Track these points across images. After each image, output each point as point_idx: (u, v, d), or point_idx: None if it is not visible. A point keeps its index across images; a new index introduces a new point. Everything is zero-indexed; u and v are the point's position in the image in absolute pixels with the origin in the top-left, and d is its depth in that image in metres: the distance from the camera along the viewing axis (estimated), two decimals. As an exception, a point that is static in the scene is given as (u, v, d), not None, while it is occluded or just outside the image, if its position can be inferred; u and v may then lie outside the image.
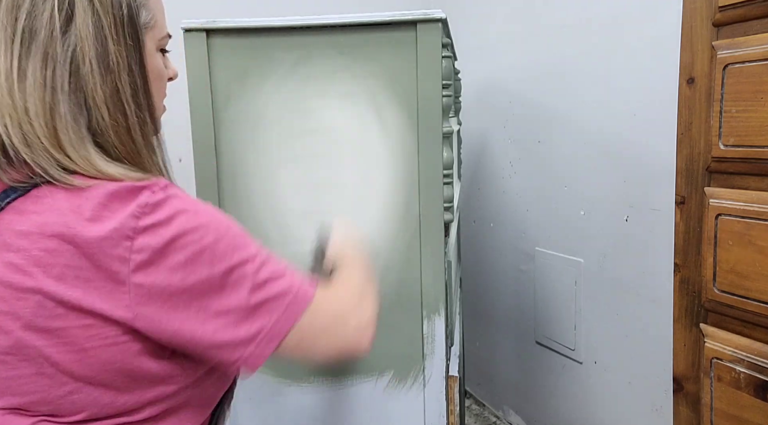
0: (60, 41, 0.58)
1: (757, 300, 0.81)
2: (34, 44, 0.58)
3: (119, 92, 0.61)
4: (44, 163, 0.57)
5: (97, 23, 0.59)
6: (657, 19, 1.35)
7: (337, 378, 1.12)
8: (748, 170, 0.82)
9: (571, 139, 1.65)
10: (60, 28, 0.58)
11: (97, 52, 0.59)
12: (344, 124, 1.05)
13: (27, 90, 0.57)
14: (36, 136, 0.57)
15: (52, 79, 0.58)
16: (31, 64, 0.58)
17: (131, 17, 0.63)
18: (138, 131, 0.63)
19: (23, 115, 0.57)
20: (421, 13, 1.00)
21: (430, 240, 1.07)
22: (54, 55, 0.58)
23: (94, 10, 0.59)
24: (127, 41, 0.62)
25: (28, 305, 0.55)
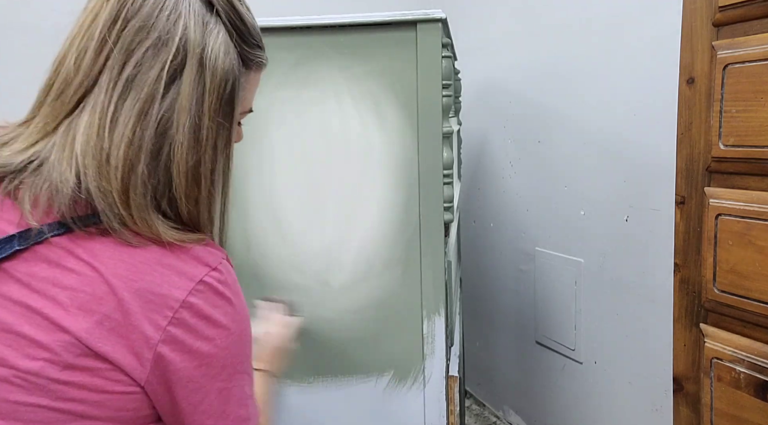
0: (158, 102, 0.58)
1: (757, 300, 0.81)
2: (133, 97, 0.57)
3: (200, 166, 0.61)
4: (110, 214, 0.57)
5: (200, 96, 0.59)
6: (657, 19, 1.35)
7: (337, 378, 1.12)
8: (748, 170, 0.82)
9: (571, 139, 1.65)
10: (162, 89, 0.58)
11: (191, 123, 0.59)
12: (344, 124, 1.05)
13: (114, 139, 0.57)
14: (110, 186, 0.57)
15: (140, 138, 0.57)
16: (125, 115, 0.57)
17: (231, 97, 0.63)
18: (206, 204, 0.63)
19: (104, 162, 0.57)
20: (421, 13, 1.00)
21: (430, 240, 1.07)
22: (149, 113, 0.57)
23: (202, 81, 0.59)
24: (221, 119, 0.62)
25: (61, 340, 0.55)
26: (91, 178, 0.56)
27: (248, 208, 1.08)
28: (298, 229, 1.08)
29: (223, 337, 0.60)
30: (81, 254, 0.56)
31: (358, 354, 1.11)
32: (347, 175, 1.07)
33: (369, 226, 1.08)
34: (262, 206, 1.08)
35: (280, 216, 1.08)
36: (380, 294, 1.10)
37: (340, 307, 1.10)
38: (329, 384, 1.12)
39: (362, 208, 1.08)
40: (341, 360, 1.12)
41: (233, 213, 1.08)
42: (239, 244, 1.08)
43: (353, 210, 1.08)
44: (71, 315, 0.55)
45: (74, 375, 0.56)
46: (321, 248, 1.09)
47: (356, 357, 1.11)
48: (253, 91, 0.70)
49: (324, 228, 1.08)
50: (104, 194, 0.57)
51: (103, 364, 0.56)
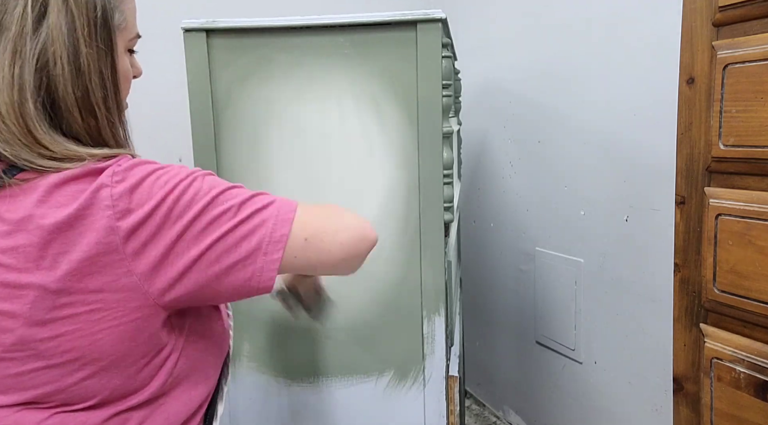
0: (30, 38, 0.57)
1: (757, 300, 0.81)
2: (3, 39, 0.57)
3: (90, 95, 0.60)
4: (28, 156, 0.57)
5: (70, 24, 0.59)
6: (657, 19, 1.35)
7: (337, 378, 1.12)
8: (748, 170, 0.82)
9: (571, 139, 1.65)
10: (32, 26, 0.57)
11: (68, 54, 0.58)
12: (344, 124, 1.05)
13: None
14: (11, 132, 0.57)
15: (20, 76, 0.57)
16: (0, 59, 0.57)
17: (105, 20, 0.62)
18: (108, 132, 0.62)
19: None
20: (421, 13, 1.00)
21: (430, 240, 1.07)
22: (23, 52, 0.57)
23: (68, 10, 0.59)
24: (99, 44, 0.61)
25: (27, 300, 0.55)
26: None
27: (248, 208, 1.08)
28: None
29: (163, 185, 0.58)
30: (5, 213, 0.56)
31: (358, 354, 1.11)
32: (347, 175, 1.07)
33: (369, 226, 1.08)
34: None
35: (280, 216, 1.08)
36: (380, 294, 1.10)
37: (340, 307, 1.10)
38: (329, 384, 1.12)
39: (362, 207, 1.08)
40: (341, 360, 1.12)
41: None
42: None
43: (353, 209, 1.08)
44: (27, 273, 0.55)
45: (56, 328, 0.56)
46: (321, 248, 1.09)
47: (356, 357, 1.11)
48: (132, 12, 0.68)
49: (324, 228, 1.08)
50: (9, 144, 0.57)
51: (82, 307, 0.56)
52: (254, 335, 1.12)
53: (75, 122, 0.59)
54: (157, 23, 1.61)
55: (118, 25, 0.64)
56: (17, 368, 0.57)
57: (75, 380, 0.58)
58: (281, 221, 0.62)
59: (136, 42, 0.71)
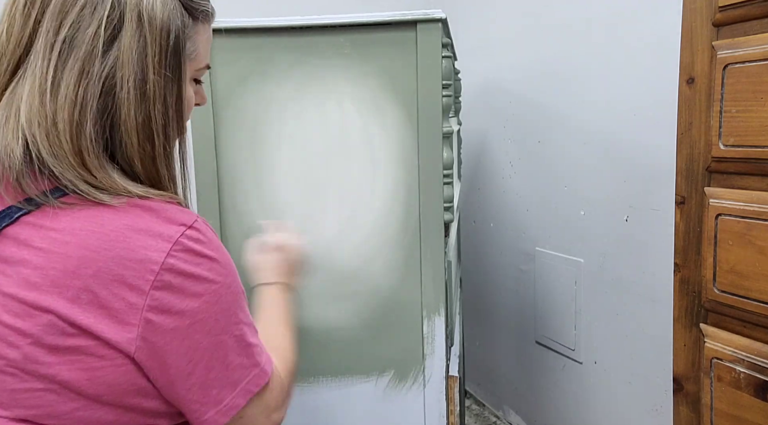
0: (99, 60, 0.57)
1: (757, 300, 0.81)
2: (73, 57, 0.56)
3: (151, 122, 0.60)
4: (72, 177, 0.56)
5: (142, 50, 0.58)
6: (657, 19, 1.35)
7: (337, 378, 1.12)
8: (748, 170, 0.82)
9: (571, 139, 1.65)
10: (102, 47, 0.57)
11: (136, 79, 0.58)
12: (344, 124, 1.05)
13: (58, 102, 0.56)
14: (62, 149, 0.56)
15: (84, 96, 0.56)
16: (66, 77, 0.56)
17: (177, 49, 0.62)
18: (162, 162, 0.62)
19: (51, 128, 0.56)
20: (421, 13, 1.00)
21: (430, 240, 1.07)
22: (90, 72, 0.57)
23: (142, 34, 0.58)
24: (167, 72, 0.61)
25: (40, 322, 0.55)
26: (41, 145, 0.55)
27: (248, 208, 1.08)
28: (298, 229, 1.08)
29: (210, 292, 0.59)
30: (50, 231, 0.56)
31: (358, 354, 1.11)
32: (347, 174, 1.07)
33: (369, 226, 1.08)
34: (261, 206, 1.08)
35: (280, 216, 1.08)
36: (380, 295, 1.10)
37: (339, 307, 1.10)
38: (329, 384, 1.12)
39: (362, 207, 1.08)
40: (341, 360, 1.12)
41: (233, 215, 1.08)
42: (239, 244, 1.08)
43: (353, 210, 1.08)
44: (46, 294, 0.54)
45: (61, 357, 0.55)
46: (320, 248, 1.09)
47: (356, 357, 1.11)
48: (204, 44, 0.68)
49: (324, 228, 1.08)
50: (58, 159, 0.56)
51: (87, 341, 0.55)
52: (254, 335, 1.12)
53: (131, 147, 0.59)
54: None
55: (189, 54, 0.64)
56: (15, 385, 0.56)
57: (69, 409, 0.57)
58: (245, 393, 0.63)
59: (205, 72, 0.71)
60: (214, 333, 0.60)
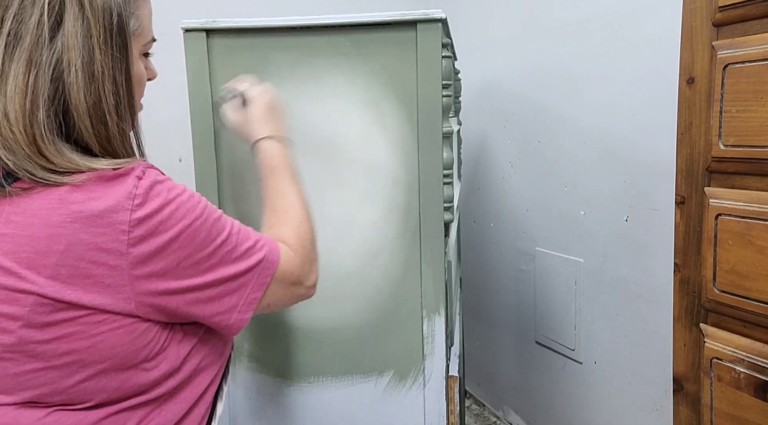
0: (47, 47, 0.57)
1: (757, 300, 0.81)
2: (19, 48, 0.57)
3: (102, 102, 0.60)
4: (29, 167, 0.56)
5: (86, 32, 0.59)
6: (657, 19, 1.35)
7: (337, 378, 1.12)
8: (748, 170, 0.82)
9: (571, 139, 1.65)
10: (47, 34, 0.57)
11: (83, 61, 0.58)
12: (344, 124, 1.05)
13: (8, 94, 0.56)
14: (16, 141, 0.56)
15: (34, 85, 0.57)
16: (14, 68, 0.57)
17: (121, 27, 0.62)
18: (119, 140, 0.62)
19: (3, 120, 0.56)
20: (421, 13, 1.00)
21: (430, 240, 1.07)
22: (38, 61, 0.57)
23: (85, 18, 0.58)
24: (114, 51, 0.61)
25: (26, 304, 0.55)
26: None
27: (247, 208, 1.08)
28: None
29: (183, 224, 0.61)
30: (10, 215, 0.56)
31: (358, 354, 1.11)
32: (347, 174, 1.07)
33: (369, 226, 1.08)
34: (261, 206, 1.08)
35: (280, 216, 1.08)
36: (380, 295, 1.10)
37: (339, 307, 1.10)
38: (329, 384, 1.12)
39: (362, 207, 1.07)
40: (341, 360, 1.12)
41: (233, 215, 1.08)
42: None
43: (353, 210, 1.08)
44: (23, 278, 0.55)
45: (55, 331, 0.56)
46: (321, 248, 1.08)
47: (356, 357, 1.11)
48: (148, 17, 0.68)
49: (324, 229, 1.08)
50: (12, 151, 0.56)
51: (78, 311, 0.56)
52: (254, 335, 1.12)
53: (86, 130, 0.59)
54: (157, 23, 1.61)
55: (134, 30, 0.65)
56: (16, 368, 0.57)
57: (73, 382, 0.58)
58: (258, 285, 0.68)
59: (152, 45, 0.71)
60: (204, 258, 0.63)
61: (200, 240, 0.62)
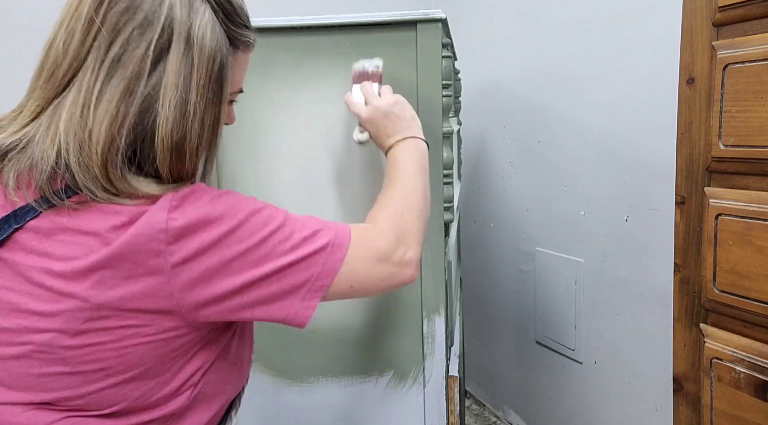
0: (145, 80, 0.59)
1: (757, 300, 0.81)
2: (118, 75, 0.58)
3: (186, 141, 0.61)
4: (93, 186, 0.58)
5: (187, 73, 0.60)
6: (657, 19, 1.35)
7: (337, 378, 1.12)
8: (748, 170, 0.82)
9: (571, 139, 1.65)
10: (149, 67, 0.59)
11: (179, 100, 0.60)
12: (344, 124, 1.05)
13: (97, 116, 0.58)
14: (90, 160, 0.58)
15: (124, 114, 0.58)
16: (109, 93, 0.58)
17: (220, 74, 0.63)
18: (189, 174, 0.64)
19: (86, 139, 0.58)
20: (421, 13, 1.00)
21: (430, 240, 1.07)
22: (135, 91, 0.58)
23: (189, 58, 0.60)
24: (209, 95, 0.62)
25: (67, 307, 0.57)
26: (72, 153, 0.57)
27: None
28: None
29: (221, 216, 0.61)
30: (68, 224, 0.58)
31: (358, 354, 1.11)
32: (347, 174, 1.07)
33: (369, 226, 1.08)
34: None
35: (280, 217, 1.08)
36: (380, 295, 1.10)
37: (339, 307, 1.10)
38: (329, 384, 1.12)
39: (363, 208, 1.07)
40: (341, 360, 1.12)
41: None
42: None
43: (354, 210, 1.08)
44: (71, 281, 0.56)
45: (87, 339, 0.57)
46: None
47: (356, 357, 1.11)
48: (242, 71, 0.70)
49: (324, 229, 1.08)
50: (84, 169, 0.58)
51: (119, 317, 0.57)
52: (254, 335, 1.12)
53: (164, 162, 0.61)
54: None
55: (229, 80, 0.66)
56: (41, 369, 0.58)
57: (96, 388, 0.59)
58: (326, 271, 0.65)
59: (237, 95, 0.73)
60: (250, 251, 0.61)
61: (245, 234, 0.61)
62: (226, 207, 0.62)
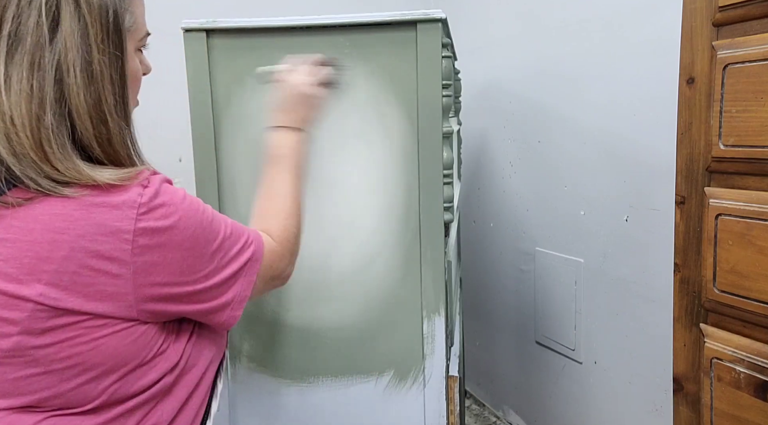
0: (47, 48, 0.56)
1: (757, 300, 0.81)
2: (20, 51, 0.55)
3: (102, 103, 0.59)
4: (34, 174, 0.55)
5: (83, 31, 0.58)
6: (657, 19, 1.35)
7: (337, 378, 1.12)
8: (748, 170, 0.82)
9: (571, 139, 1.65)
10: (48, 35, 0.56)
11: (82, 61, 0.57)
12: (344, 124, 1.05)
13: (12, 99, 0.55)
14: (22, 146, 0.55)
15: (39, 89, 0.56)
16: (17, 71, 0.55)
17: (117, 24, 0.61)
18: (119, 140, 0.61)
19: (10, 126, 0.55)
20: (421, 13, 1.00)
21: (430, 240, 1.07)
22: (41, 63, 0.56)
23: (81, 16, 0.57)
24: (110, 49, 0.60)
25: (25, 310, 0.55)
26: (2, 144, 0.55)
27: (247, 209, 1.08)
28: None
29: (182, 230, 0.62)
30: (12, 220, 0.55)
31: (358, 354, 1.11)
32: (347, 174, 1.07)
33: (369, 226, 1.08)
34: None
35: (280, 216, 1.08)
36: (380, 294, 1.10)
37: (339, 307, 1.10)
38: (329, 384, 1.12)
39: (362, 208, 1.07)
40: (341, 360, 1.12)
41: (233, 215, 1.08)
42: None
43: (353, 210, 1.08)
44: (24, 284, 0.54)
45: (55, 336, 0.56)
46: (321, 248, 1.09)
47: (356, 357, 1.11)
48: (141, 13, 0.67)
49: (324, 229, 1.08)
50: (18, 158, 0.55)
51: (78, 316, 0.56)
52: (254, 335, 1.12)
53: (86, 131, 0.58)
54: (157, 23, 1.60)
55: (129, 27, 0.64)
56: (14, 373, 0.56)
57: (74, 385, 0.58)
58: (247, 283, 0.70)
59: (146, 40, 0.70)
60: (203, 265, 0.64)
61: (200, 248, 0.63)
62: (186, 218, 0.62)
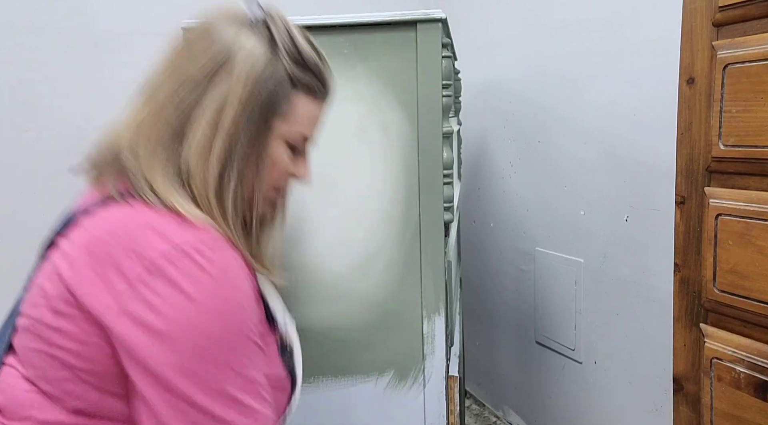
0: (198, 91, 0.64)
1: (757, 300, 0.81)
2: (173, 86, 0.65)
3: (210, 150, 0.63)
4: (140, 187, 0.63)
5: (230, 88, 0.63)
6: (657, 19, 1.35)
7: (337, 378, 1.12)
8: (748, 170, 0.82)
9: (571, 139, 1.65)
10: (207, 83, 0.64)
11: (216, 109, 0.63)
12: (344, 124, 1.05)
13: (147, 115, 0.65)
14: (139, 166, 0.63)
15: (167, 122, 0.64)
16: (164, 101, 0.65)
17: (266, 100, 0.64)
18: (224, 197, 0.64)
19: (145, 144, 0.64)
20: (421, 13, 1.00)
21: (430, 240, 1.07)
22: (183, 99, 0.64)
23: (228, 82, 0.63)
24: (248, 114, 0.64)
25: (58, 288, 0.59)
26: (127, 159, 0.63)
27: (248, 208, 1.08)
28: (298, 230, 1.08)
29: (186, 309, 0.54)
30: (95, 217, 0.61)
31: (358, 354, 1.11)
32: (347, 175, 1.07)
33: (369, 226, 1.08)
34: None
35: (280, 217, 1.08)
36: (380, 294, 1.10)
37: (340, 307, 1.10)
38: (329, 384, 1.12)
39: (362, 208, 1.07)
40: (341, 360, 1.12)
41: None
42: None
43: (353, 210, 1.08)
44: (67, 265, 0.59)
45: (59, 321, 0.58)
46: (321, 248, 1.09)
47: (356, 357, 1.11)
48: (303, 115, 0.68)
49: (324, 229, 1.08)
50: (134, 174, 0.63)
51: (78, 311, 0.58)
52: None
53: (195, 170, 0.64)
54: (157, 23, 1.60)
55: (282, 112, 0.66)
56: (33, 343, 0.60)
57: (59, 377, 0.59)
58: None
59: (301, 143, 0.71)
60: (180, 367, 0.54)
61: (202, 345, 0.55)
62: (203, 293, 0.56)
